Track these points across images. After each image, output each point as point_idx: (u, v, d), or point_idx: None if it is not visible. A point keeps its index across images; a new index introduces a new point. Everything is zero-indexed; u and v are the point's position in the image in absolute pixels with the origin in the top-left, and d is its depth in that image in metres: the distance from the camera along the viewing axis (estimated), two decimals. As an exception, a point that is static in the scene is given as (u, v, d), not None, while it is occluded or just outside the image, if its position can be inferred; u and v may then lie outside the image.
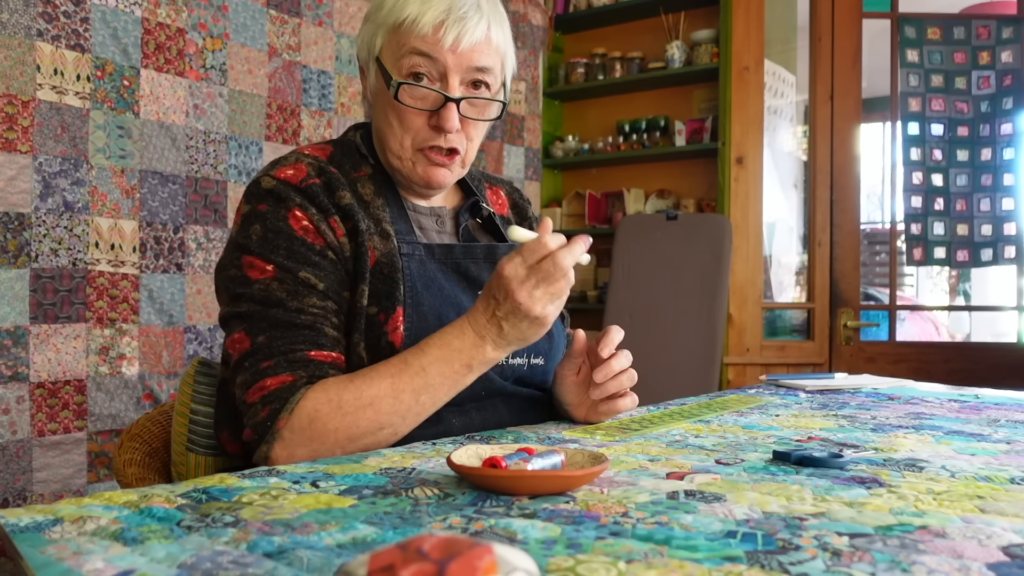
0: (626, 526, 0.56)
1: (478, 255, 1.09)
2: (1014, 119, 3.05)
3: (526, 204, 1.30)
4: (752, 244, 3.20)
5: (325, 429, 0.86)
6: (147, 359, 2.29)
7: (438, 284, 1.02)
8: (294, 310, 0.93)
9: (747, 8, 3.21)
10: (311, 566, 0.48)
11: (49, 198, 2.08)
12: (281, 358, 0.91)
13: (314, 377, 0.91)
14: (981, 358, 3.13)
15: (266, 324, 0.93)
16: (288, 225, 0.96)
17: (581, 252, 0.87)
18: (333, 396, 0.87)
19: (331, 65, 2.80)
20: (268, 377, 0.90)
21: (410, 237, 1.03)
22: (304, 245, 0.96)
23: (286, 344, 0.92)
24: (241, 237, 0.97)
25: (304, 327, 0.93)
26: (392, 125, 1.03)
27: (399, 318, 0.96)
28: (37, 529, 0.54)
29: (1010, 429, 1.00)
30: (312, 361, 0.92)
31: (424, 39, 0.98)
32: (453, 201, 1.17)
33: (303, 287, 0.94)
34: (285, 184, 0.98)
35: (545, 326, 0.88)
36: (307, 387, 0.89)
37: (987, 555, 0.50)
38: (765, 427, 1.00)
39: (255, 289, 0.94)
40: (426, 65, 0.99)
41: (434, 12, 0.98)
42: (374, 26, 1.03)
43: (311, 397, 0.88)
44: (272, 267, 0.94)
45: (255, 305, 0.94)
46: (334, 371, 0.93)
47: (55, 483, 2.09)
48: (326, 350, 0.93)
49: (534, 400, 1.11)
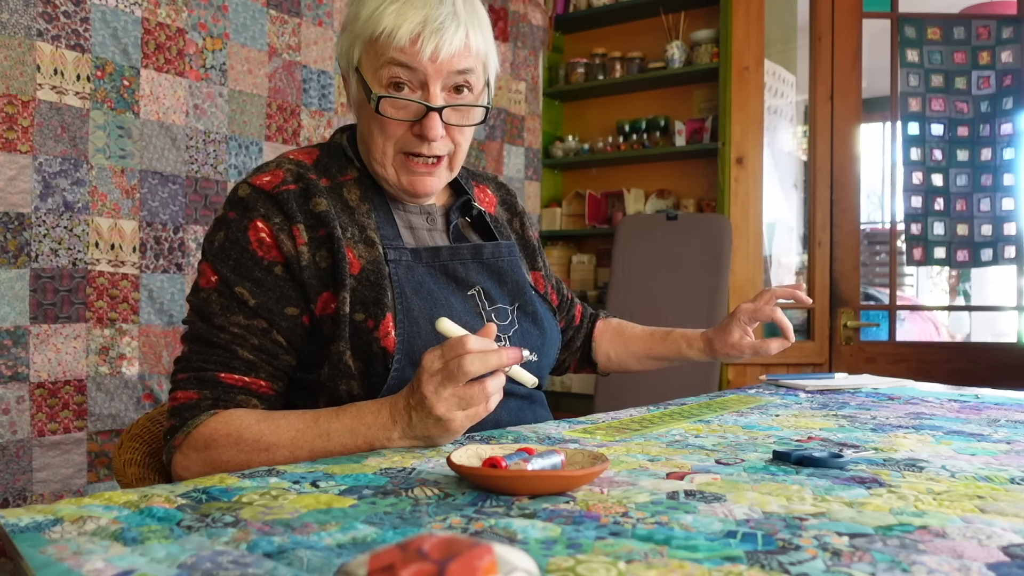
0: (626, 526, 0.56)
1: (465, 255, 1.09)
2: (1014, 119, 3.05)
3: (513, 198, 1.29)
4: (752, 244, 3.20)
5: (219, 458, 0.89)
6: (147, 359, 2.29)
7: (427, 288, 1.02)
8: (217, 327, 0.95)
9: (747, 8, 3.21)
10: (311, 566, 0.48)
11: (49, 198, 2.08)
12: (192, 374, 0.95)
13: (219, 400, 0.93)
14: (981, 358, 3.13)
15: (193, 335, 0.97)
16: (245, 236, 0.97)
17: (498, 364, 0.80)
18: (233, 431, 0.89)
19: (331, 65, 2.80)
20: (179, 390, 0.95)
21: (397, 243, 1.03)
22: (252, 259, 0.97)
23: (199, 361, 0.95)
24: (207, 241, 1.01)
25: (219, 347, 0.95)
26: (374, 134, 1.02)
27: (389, 324, 0.96)
28: (37, 529, 0.54)
29: (1010, 429, 1.00)
30: (220, 383, 0.94)
31: (402, 51, 0.97)
32: (443, 199, 1.17)
33: (235, 303, 0.96)
34: (257, 192, 0.99)
35: (451, 431, 0.82)
36: (209, 412, 0.92)
37: (987, 555, 0.50)
38: (765, 427, 1.00)
39: (199, 298, 0.98)
40: (406, 75, 0.98)
41: (410, 24, 0.96)
42: (351, 37, 1.02)
43: (211, 425, 0.90)
44: (216, 278, 0.97)
45: (193, 314, 0.98)
46: (243, 395, 0.94)
47: (55, 483, 2.09)
48: (237, 373, 0.95)
49: (531, 398, 1.11)
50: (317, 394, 0.99)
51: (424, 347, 0.97)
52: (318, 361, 0.98)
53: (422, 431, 0.83)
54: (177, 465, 0.93)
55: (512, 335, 1.09)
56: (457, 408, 0.81)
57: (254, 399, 0.95)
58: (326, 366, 0.97)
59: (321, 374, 0.97)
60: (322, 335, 0.98)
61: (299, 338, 0.98)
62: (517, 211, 1.28)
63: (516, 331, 1.10)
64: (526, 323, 1.12)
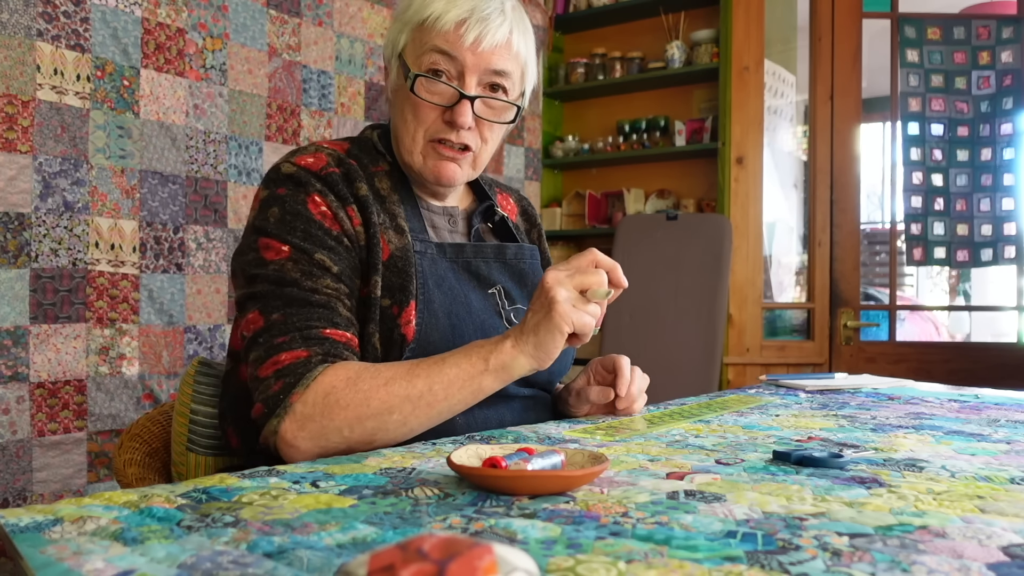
0: (626, 526, 0.56)
1: (488, 254, 1.10)
2: (1014, 119, 3.05)
3: (533, 211, 1.32)
4: (752, 244, 3.20)
5: (337, 404, 0.85)
6: (147, 359, 2.29)
7: (448, 282, 1.03)
8: (308, 289, 0.93)
9: (747, 8, 3.21)
10: (311, 566, 0.48)
11: (49, 198, 2.08)
12: (296, 334, 0.91)
13: (329, 355, 0.90)
14: (981, 358, 3.13)
15: (280, 303, 0.93)
16: (307, 208, 0.97)
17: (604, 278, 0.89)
18: (352, 373, 0.87)
19: (331, 65, 2.80)
20: (283, 352, 0.90)
21: (423, 235, 1.04)
22: (321, 229, 0.96)
23: (301, 321, 0.92)
24: (259, 220, 0.98)
25: (319, 305, 0.93)
26: (407, 120, 1.04)
27: (411, 312, 0.97)
28: (37, 529, 0.54)
29: (1010, 429, 1.00)
30: (327, 339, 0.91)
31: (445, 36, 1.00)
32: (466, 203, 1.18)
33: (318, 268, 0.94)
34: (305, 170, 0.99)
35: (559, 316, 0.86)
36: (323, 364, 0.89)
37: (987, 555, 0.50)
38: (765, 427, 1.00)
39: (270, 270, 0.94)
40: (445, 63, 1.01)
41: (458, 10, 1.00)
42: (400, 24, 1.05)
43: (329, 373, 0.87)
44: (288, 248, 0.95)
45: (269, 285, 0.94)
46: (348, 352, 0.93)
47: (55, 483, 2.09)
48: (341, 329, 0.93)
49: (536, 400, 1.11)
50: None
51: (439, 340, 0.98)
52: None
53: (532, 322, 0.87)
54: (287, 431, 0.86)
55: None
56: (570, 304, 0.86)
57: (354, 357, 0.94)
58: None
59: None
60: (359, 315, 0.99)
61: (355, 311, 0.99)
62: (536, 224, 1.30)
63: None
64: None
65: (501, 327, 1.07)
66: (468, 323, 1.03)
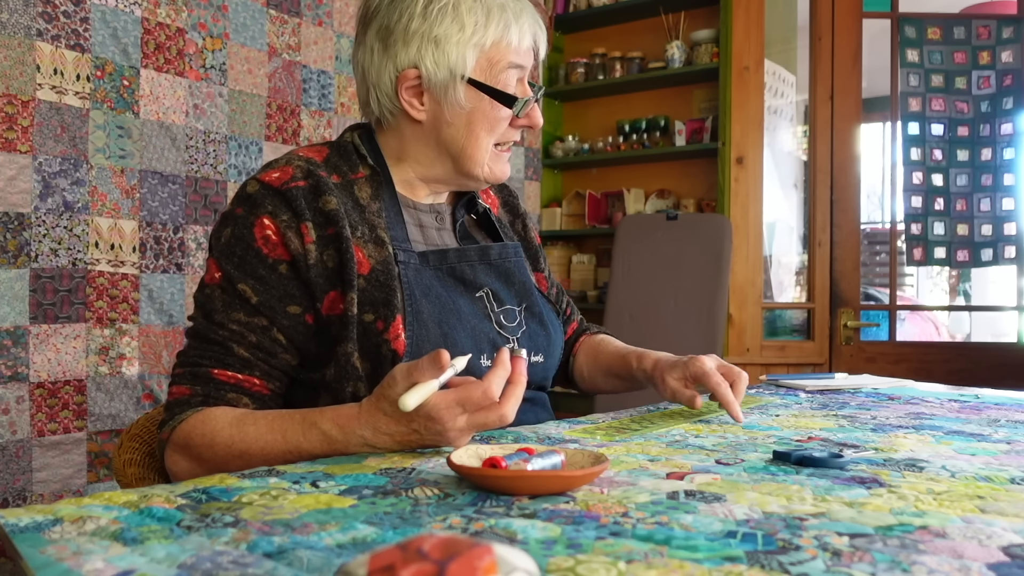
0: (626, 526, 0.56)
1: (473, 257, 1.09)
2: (1014, 119, 3.05)
3: (515, 200, 1.31)
4: (752, 244, 3.20)
5: (198, 456, 0.91)
6: (147, 359, 2.29)
7: (436, 291, 1.02)
8: (216, 323, 0.96)
9: (747, 8, 3.21)
10: (311, 566, 0.48)
11: (49, 198, 2.08)
12: (188, 370, 0.96)
13: (209, 397, 0.94)
14: (981, 358, 3.13)
15: (193, 331, 0.98)
16: (251, 233, 0.97)
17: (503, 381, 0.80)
18: (208, 431, 0.90)
19: (331, 65, 2.80)
20: (175, 384, 0.97)
21: (405, 245, 1.03)
22: (256, 256, 0.96)
23: (195, 356, 0.96)
24: (214, 237, 1.01)
25: (216, 343, 0.95)
26: (479, 136, 1.05)
27: (399, 326, 0.95)
28: (37, 529, 0.54)
29: (1010, 429, 1.00)
30: (212, 379, 0.94)
31: (517, 50, 1.05)
32: (450, 198, 1.17)
33: (237, 299, 0.96)
34: (266, 188, 0.98)
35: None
36: (196, 409, 0.93)
37: (987, 555, 0.50)
38: (765, 427, 1.00)
39: (204, 294, 0.99)
40: (518, 74, 1.06)
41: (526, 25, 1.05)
42: (459, 47, 1.02)
43: (191, 422, 0.92)
44: (220, 274, 0.97)
45: (197, 310, 1.00)
46: (234, 393, 0.94)
47: (55, 483, 2.09)
48: (231, 370, 0.95)
49: (534, 400, 1.11)
50: (320, 393, 0.99)
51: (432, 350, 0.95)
52: (323, 361, 0.98)
53: (418, 443, 0.81)
54: (167, 460, 0.95)
55: (520, 336, 1.09)
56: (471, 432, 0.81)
57: (245, 397, 0.95)
58: (332, 367, 0.96)
59: (326, 374, 0.96)
60: (328, 335, 0.97)
61: (301, 337, 0.98)
62: (519, 213, 1.28)
63: (524, 332, 1.10)
64: (533, 324, 1.12)
65: (492, 330, 1.06)
66: (460, 330, 1.01)
